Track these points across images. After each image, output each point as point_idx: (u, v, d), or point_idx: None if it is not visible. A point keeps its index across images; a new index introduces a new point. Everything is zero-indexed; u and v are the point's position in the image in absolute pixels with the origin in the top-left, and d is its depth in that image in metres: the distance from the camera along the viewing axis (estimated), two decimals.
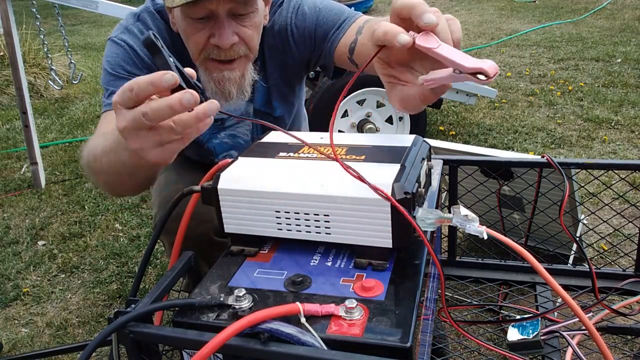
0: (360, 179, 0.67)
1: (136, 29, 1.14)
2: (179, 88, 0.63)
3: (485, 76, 0.58)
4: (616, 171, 1.09)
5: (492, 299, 1.58)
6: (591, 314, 1.03)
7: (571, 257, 1.66)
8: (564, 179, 0.99)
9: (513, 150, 2.98)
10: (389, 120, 2.89)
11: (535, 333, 0.96)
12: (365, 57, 1.04)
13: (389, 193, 0.66)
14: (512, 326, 1.01)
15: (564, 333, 0.94)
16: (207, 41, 1.03)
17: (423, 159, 0.79)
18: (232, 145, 1.32)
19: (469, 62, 0.59)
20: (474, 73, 0.59)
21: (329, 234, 0.72)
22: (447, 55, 0.60)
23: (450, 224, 0.68)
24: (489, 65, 0.58)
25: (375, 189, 0.65)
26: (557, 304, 1.06)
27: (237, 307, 0.62)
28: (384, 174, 0.69)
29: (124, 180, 0.91)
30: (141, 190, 1.00)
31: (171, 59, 0.64)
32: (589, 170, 1.07)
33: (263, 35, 1.17)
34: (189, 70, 0.68)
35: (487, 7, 7.64)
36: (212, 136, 1.29)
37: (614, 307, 0.99)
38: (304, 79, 1.36)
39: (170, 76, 0.62)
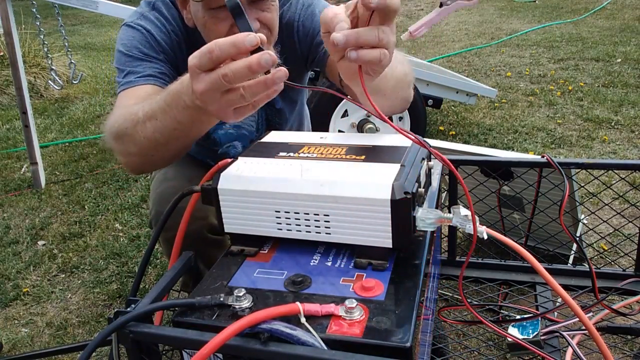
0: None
1: (152, 16, 1.15)
2: (256, 50, 0.64)
3: None
4: (616, 171, 1.09)
5: (492, 299, 1.58)
6: (591, 314, 1.03)
7: (571, 257, 1.66)
8: (564, 179, 0.99)
9: (513, 150, 2.98)
10: (389, 120, 2.89)
11: (535, 333, 0.96)
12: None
13: (389, 193, 0.66)
14: (512, 326, 1.01)
15: (564, 333, 0.94)
16: (229, 31, 1.03)
17: (423, 159, 0.79)
18: (236, 136, 1.33)
19: None
20: None
21: (329, 234, 0.72)
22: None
23: (450, 224, 0.68)
24: None
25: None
26: (557, 304, 1.06)
27: (237, 307, 0.62)
28: (384, 174, 0.69)
29: (170, 144, 0.90)
30: (174, 160, 0.99)
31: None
32: (589, 170, 1.07)
33: None
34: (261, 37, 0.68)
35: (487, 7, 7.64)
36: (217, 126, 1.29)
37: (614, 307, 0.99)
38: (305, 76, 1.36)
39: (253, 37, 0.62)
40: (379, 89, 0.85)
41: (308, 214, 0.71)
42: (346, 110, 2.81)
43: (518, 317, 1.06)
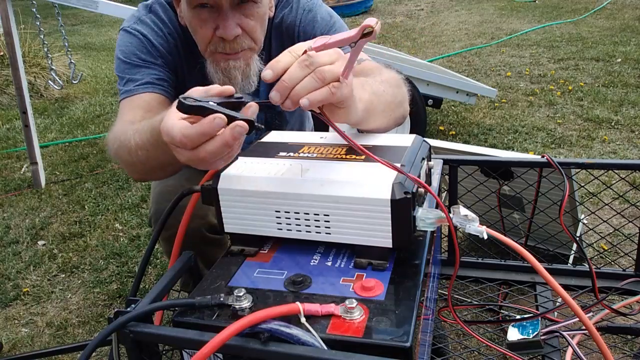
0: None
1: (149, 20, 1.16)
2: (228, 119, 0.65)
3: (371, 28, 0.64)
4: (616, 171, 1.09)
5: (492, 298, 1.58)
6: (591, 313, 1.03)
7: (571, 257, 1.66)
8: (564, 179, 0.99)
9: (513, 150, 2.98)
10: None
11: (535, 333, 0.96)
12: None
13: (389, 193, 0.66)
14: (512, 326, 1.01)
15: (564, 333, 0.94)
16: (213, 34, 1.05)
17: (423, 159, 0.79)
18: None
19: (354, 30, 0.66)
20: (363, 35, 0.65)
21: (329, 234, 0.72)
22: (338, 38, 0.68)
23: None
24: (368, 21, 0.64)
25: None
26: (557, 303, 1.06)
27: (237, 307, 0.62)
28: (384, 174, 0.69)
29: (165, 168, 0.94)
30: (174, 174, 1.03)
31: (210, 102, 0.65)
32: (589, 170, 1.07)
33: (271, 29, 1.18)
34: (227, 89, 0.69)
35: (487, 7, 7.64)
36: None
37: (614, 307, 0.99)
38: None
39: (219, 120, 0.63)
40: (368, 114, 0.85)
41: (308, 214, 0.71)
42: None
43: (518, 317, 1.06)
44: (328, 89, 0.68)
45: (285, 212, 0.72)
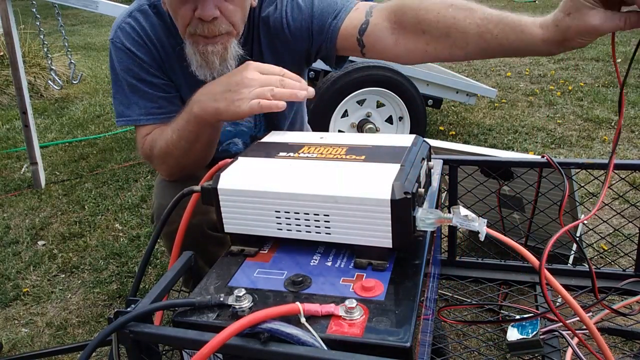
0: None
1: (128, 27, 1.17)
2: None
3: None
4: (616, 171, 1.09)
5: (492, 299, 1.58)
6: (591, 313, 1.03)
7: (571, 257, 1.66)
8: (564, 179, 0.99)
9: (513, 150, 2.98)
10: (389, 120, 2.89)
11: (535, 332, 0.96)
12: (378, 37, 1.09)
13: (389, 193, 0.66)
14: (512, 326, 1.01)
15: (564, 333, 0.94)
16: (192, 15, 1.06)
17: (423, 159, 0.79)
18: (235, 132, 1.33)
19: None
20: None
21: (329, 234, 0.72)
22: None
23: (450, 224, 0.68)
24: None
25: None
26: (557, 303, 1.06)
27: (237, 307, 0.62)
28: (384, 174, 0.69)
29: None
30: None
31: None
32: (589, 170, 1.07)
33: (259, 23, 1.19)
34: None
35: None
36: None
37: (614, 307, 0.99)
38: (304, 73, 1.36)
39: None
40: None
41: (308, 214, 0.71)
42: (346, 111, 2.81)
43: (518, 317, 1.06)
44: None
45: (285, 212, 0.72)
